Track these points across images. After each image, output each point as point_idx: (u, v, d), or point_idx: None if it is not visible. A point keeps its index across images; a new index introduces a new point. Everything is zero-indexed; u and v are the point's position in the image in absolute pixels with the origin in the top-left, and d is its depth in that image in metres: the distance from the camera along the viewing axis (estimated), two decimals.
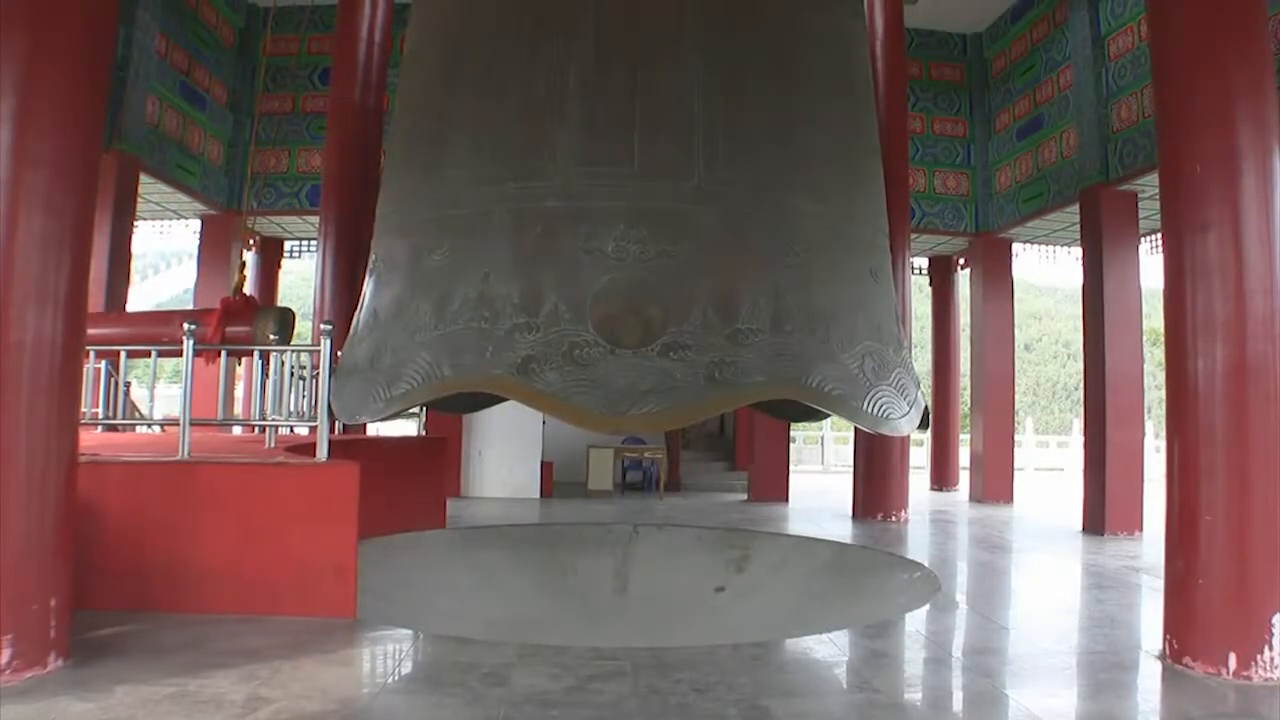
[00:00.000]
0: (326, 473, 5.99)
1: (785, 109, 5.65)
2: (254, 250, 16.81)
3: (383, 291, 5.77)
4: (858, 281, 5.78)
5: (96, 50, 5.03)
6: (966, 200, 16.51)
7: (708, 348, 4.94)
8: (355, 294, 6.37)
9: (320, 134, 14.61)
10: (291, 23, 15.02)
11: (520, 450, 14.73)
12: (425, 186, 5.79)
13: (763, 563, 8.96)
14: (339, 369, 5.90)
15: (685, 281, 5.07)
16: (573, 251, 5.10)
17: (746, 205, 5.34)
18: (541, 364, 4.89)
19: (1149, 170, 11.17)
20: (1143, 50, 11.43)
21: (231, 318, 7.37)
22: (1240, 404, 5.37)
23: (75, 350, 4.81)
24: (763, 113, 5.53)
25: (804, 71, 5.88)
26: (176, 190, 13.98)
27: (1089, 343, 12.92)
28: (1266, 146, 5.60)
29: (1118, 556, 9.89)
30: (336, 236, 12.68)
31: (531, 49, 5.60)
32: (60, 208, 4.64)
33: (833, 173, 5.83)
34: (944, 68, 16.82)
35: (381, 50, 13.59)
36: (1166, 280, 5.85)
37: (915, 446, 18.86)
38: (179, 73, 13.85)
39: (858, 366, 5.46)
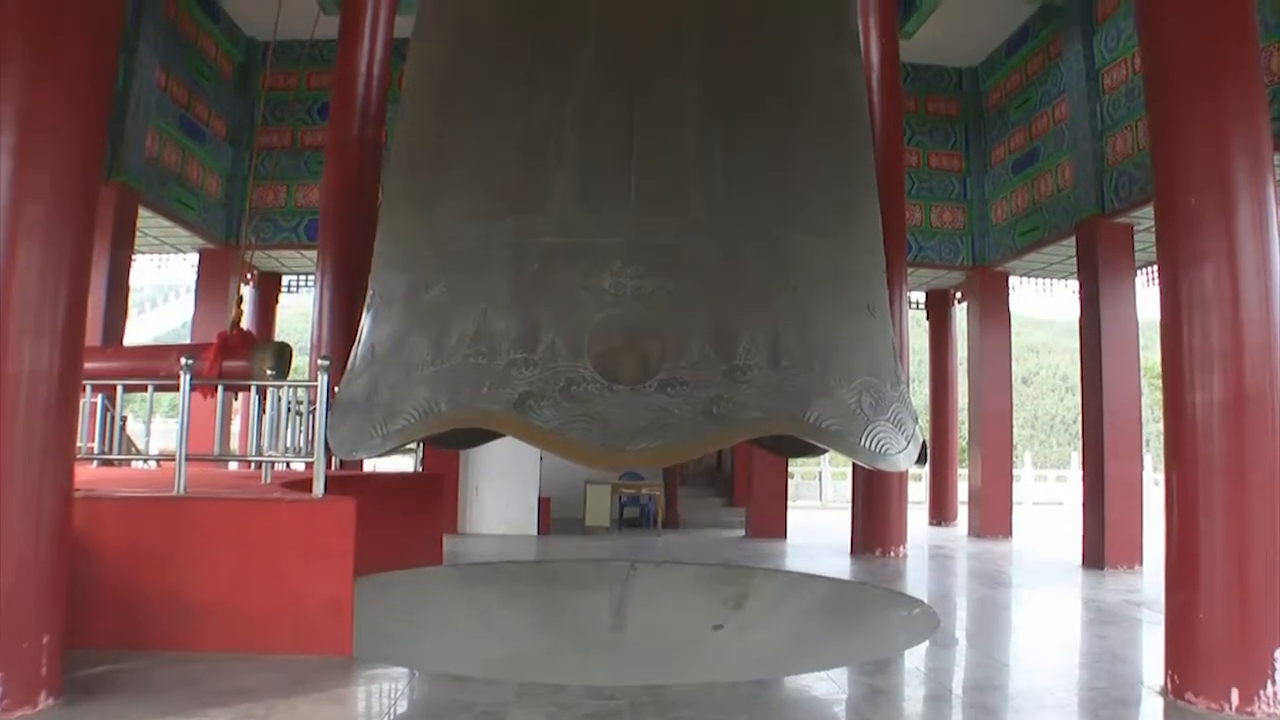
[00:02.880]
0: (323, 509, 5.96)
1: (782, 144, 5.67)
2: (251, 285, 16.83)
3: (380, 327, 5.77)
4: (855, 316, 5.78)
5: (97, 83, 5.05)
6: (963, 234, 16.56)
7: (705, 383, 4.94)
8: (353, 329, 6.37)
9: (319, 168, 14.66)
10: (291, 57, 15.10)
11: (517, 486, 14.68)
12: (423, 222, 5.80)
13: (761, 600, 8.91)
14: (336, 405, 5.89)
15: (682, 317, 5.07)
16: (570, 287, 5.10)
17: (744, 241, 5.35)
18: (539, 400, 4.88)
19: (1144, 203, 11.22)
20: (1137, 83, 11.51)
21: (229, 352, 7.35)
22: (1239, 435, 5.35)
23: (72, 384, 4.80)
24: (759, 148, 5.55)
25: (801, 107, 5.91)
26: (175, 224, 14.01)
27: (1087, 376, 12.93)
28: (1261, 177, 5.61)
29: (1118, 591, 9.85)
30: (334, 271, 12.69)
31: (529, 85, 5.63)
32: (59, 240, 4.64)
33: (830, 208, 5.84)
34: (940, 102, 16.92)
35: (380, 85, 13.66)
36: (1163, 311, 5.85)
37: (913, 481, 18.80)
38: (178, 106, 13.92)
39: (855, 402, 5.45)
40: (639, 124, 5.33)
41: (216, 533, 5.85)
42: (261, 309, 17.31)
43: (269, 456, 7.01)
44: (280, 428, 6.93)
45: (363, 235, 10.88)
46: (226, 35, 15.29)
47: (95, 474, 7.60)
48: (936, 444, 17.57)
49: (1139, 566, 11.73)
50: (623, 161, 5.25)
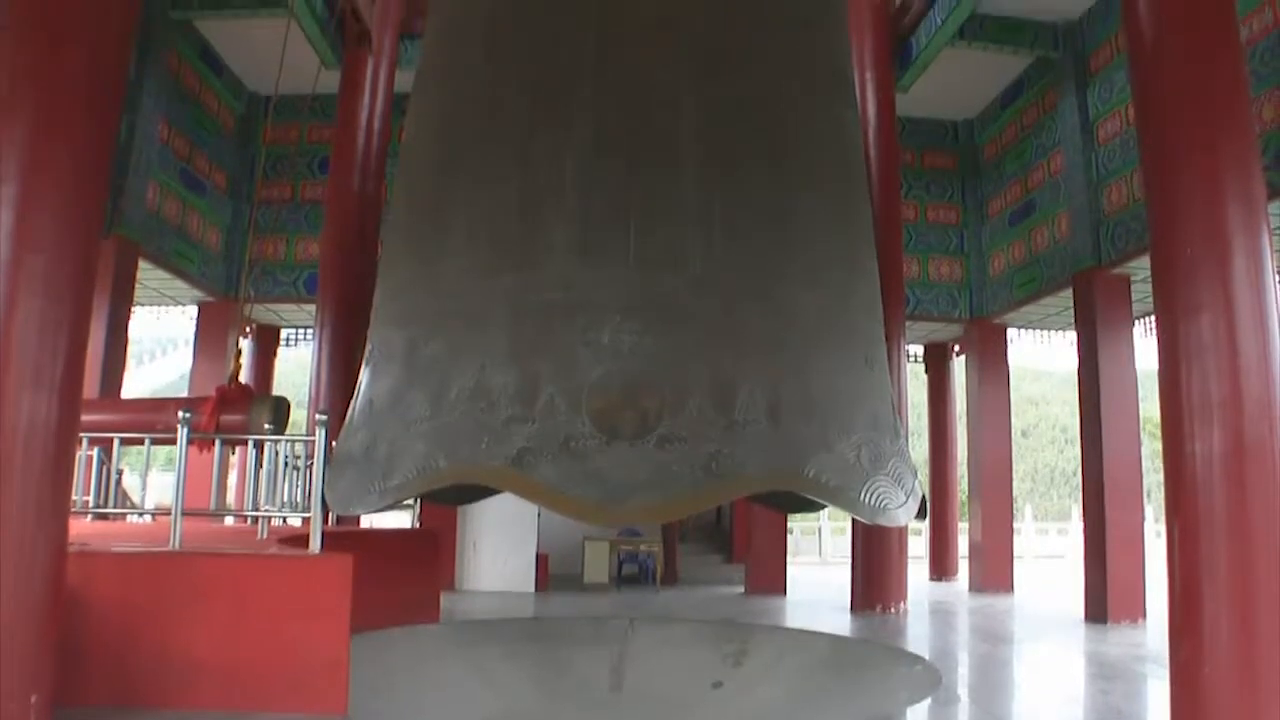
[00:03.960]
0: (319, 565, 5.92)
1: (780, 199, 5.69)
2: (250, 338, 16.85)
3: (378, 381, 5.75)
4: (853, 370, 5.77)
5: (100, 136, 5.09)
6: (961, 287, 16.64)
7: (704, 439, 4.91)
8: (351, 384, 6.35)
9: (318, 222, 14.76)
10: (292, 111, 15.26)
11: (515, 543, 14.60)
12: (422, 276, 5.80)
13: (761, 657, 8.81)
14: (334, 460, 5.86)
15: (681, 372, 5.06)
16: (569, 343, 5.09)
17: (742, 296, 5.35)
18: (537, 456, 4.85)
19: (1141, 253, 11.30)
20: (1131, 134, 11.64)
21: (227, 406, 7.33)
22: (1239, 486, 5.34)
23: (69, 437, 4.78)
24: (758, 203, 5.57)
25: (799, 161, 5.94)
26: (174, 276, 14.09)
27: (1086, 427, 12.93)
28: (1256, 226, 5.65)
29: (1121, 645, 9.77)
30: (333, 325, 12.73)
31: (528, 140, 5.66)
32: (59, 292, 4.65)
33: (828, 262, 5.85)
34: (936, 155, 17.09)
35: (380, 140, 13.78)
36: (1161, 362, 5.86)
37: (913, 536, 18.73)
38: (180, 159, 14.03)
39: (854, 456, 5.42)
40: (638, 180, 5.36)
41: (212, 588, 5.80)
42: (260, 362, 17.34)
43: (265, 512, 6.97)
44: (277, 483, 6.90)
45: (361, 289, 10.92)
46: (229, 89, 15.45)
47: (90, 528, 7.54)
48: (936, 498, 17.53)
49: (1142, 620, 11.65)
50: (622, 217, 5.26)
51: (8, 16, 4.72)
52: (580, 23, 5.76)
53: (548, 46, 5.80)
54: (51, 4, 4.99)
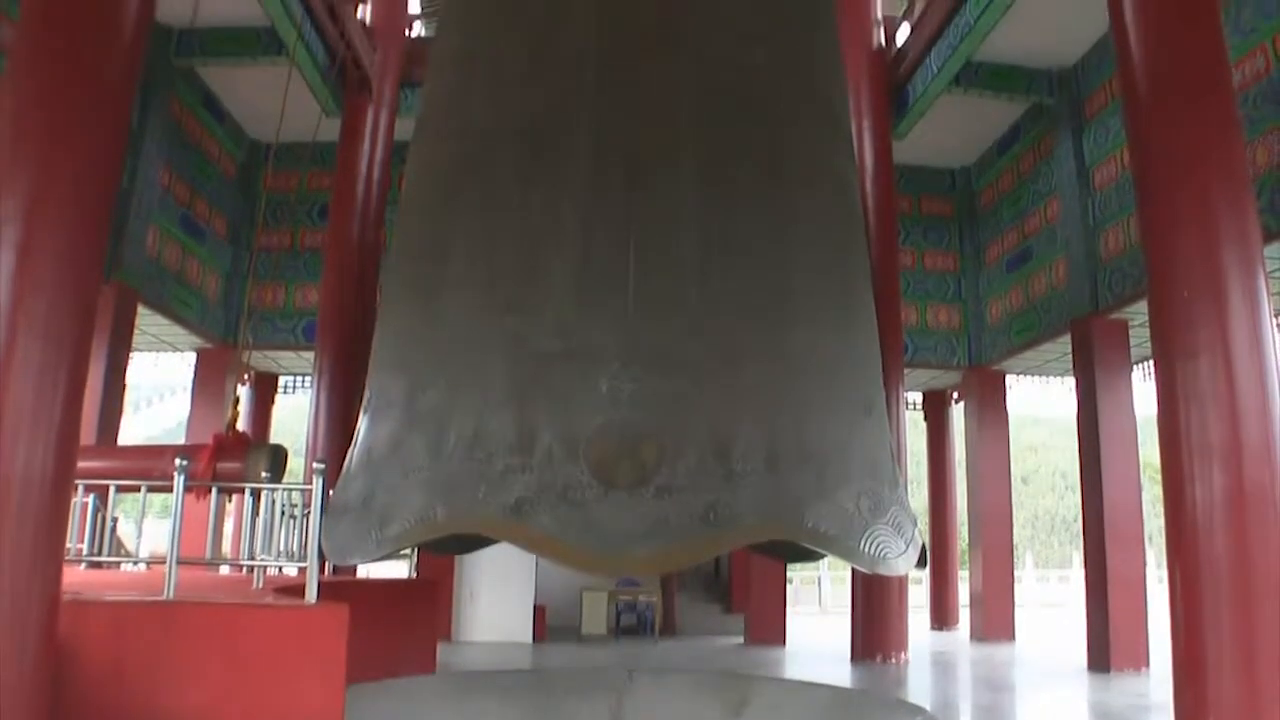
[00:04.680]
0: (315, 615, 5.85)
1: (778, 246, 5.71)
2: (248, 385, 16.82)
3: (377, 429, 5.73)
4: (852, 419, 5.76)
5: (102, 181, 5.10)
6: (959, 334, 16.65)
7: (702, 489, 4.89)
8: (349, 431, 6.33)
9: (318, 269, 14.79)
10: (292, 158, 15.35)
11: (512, 593, 14.49)
12: (421, 323, 5.81)
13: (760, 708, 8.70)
14: (331, 508, 5.82)
15: (679, 421, 5.04)
16: (568, 390, 5.08)
17: (740, 343, 5.35)
18: (535, 505, 4.83)
19: (1139, 298, 11.32)
20: (1127, 179, 11.70)
21: (224, 454, 7.29)
22: (1240, 532, 5.31)
23: (64, 484, 4.75)
24: (756, 251, 5.59)
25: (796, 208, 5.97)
26: (174, 322, 14.09)
27: (1086, 473, 12.89)
28: (1251, 268, 5.67)
29: (1124, 694, 9.68)
30: (331, 373, 12.71)
31: (527, 186, 5.69)
32: (58, 337, 4.64)
33: (826, 309, 5.86)
34: (933, 202, 17.16)
35: (380, 188, 13.84)
36: (1160, 407, 5.85)
37: (914, 585, 18.62)
38: (180, 205, 14.09)
39: (853, 505, 5.39)
40: (637, 226, 5.38)
41: (206, 639, 5.72)
42: (258, 410, 17.30)
43: (261, 561, 6.91)
44: (273, 531, 6.85)
45: (360, 337, 10.93)
46: (230, 136, 15.54)
47: (83, 576, 7.48)
48: (936, 547, 17.45)
49: (1145, 668, 11.55)
50: (621, 263, 5.27)
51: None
52: (578, 69, 5.81)
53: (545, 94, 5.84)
54: (57, 50, 5.03)
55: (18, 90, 4.93)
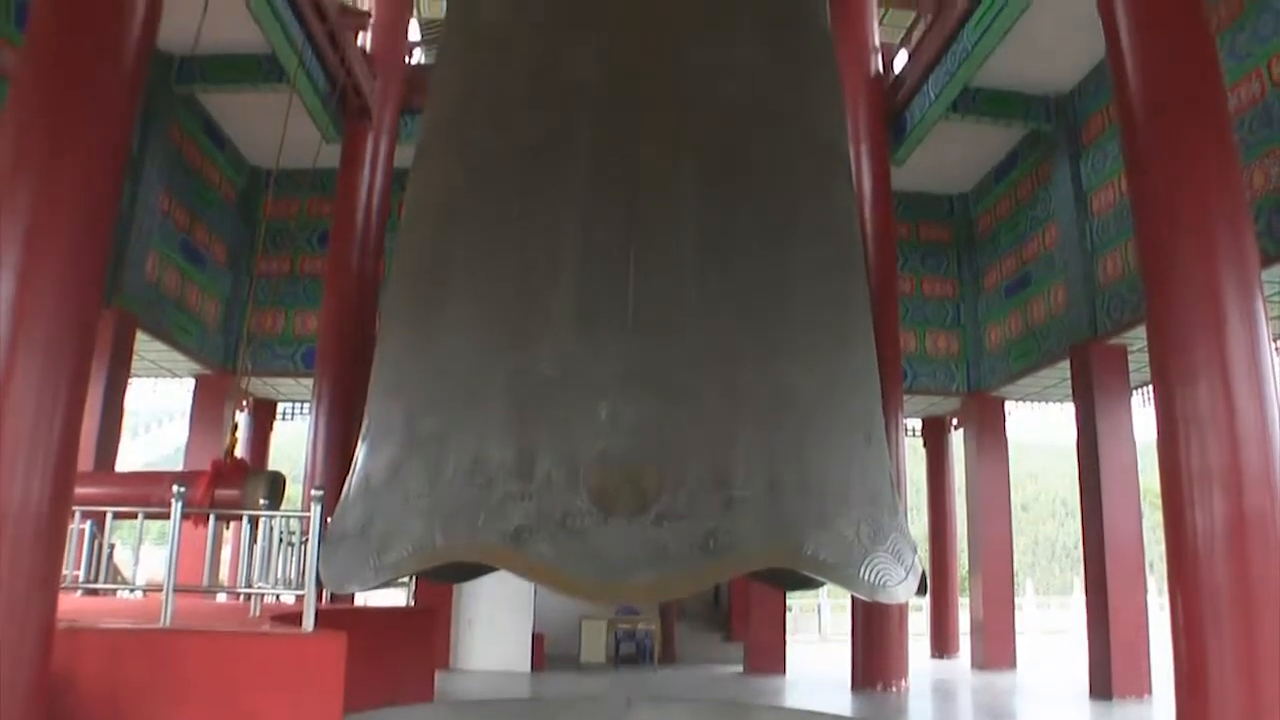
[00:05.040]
0: (312, 643, 5.82)
1: (777, 273, 5.71)
2: (247, 411, 16.81)
3: (375, 456, 5.72)
4: (851, 445, 5.74)
5: (102, 207, 5.12)
6: (957, 360, 16.65)
7: (701, 516, 4.87)
8: (347, 459, 6.32)
9: (317, 296, 14.80)
10: (292, 185, 15.40)
11: (511, 621, 14.41)
12: (420, 350, 5.80)
13: None
14: (329, 536, 5.80)
15: (679, 448, 5.03)
16: (567, 417, 5.07)
17: (740, 371, 5.35)
18: (534, 533, 4.80)
19: (1137, 323, 11.33)
20: (1125, 204, 11.73)
21: (222, 481, 7.27)
22: (1242, 558, 5.29)
23: (61, 510, 4.73)
24: (755, 278, 5.59)
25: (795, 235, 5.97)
26: (172, 348, 14.09)
27: (1086, 500, 12.86)
28: (1250, 292, 5.67)
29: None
30: (330, 400, 12.70)
31: (526, 214, 5.70)
32: (57, 362, 4.64)
33: (825, 336, 5.85)
34: (932, 228, 17.19)
35: (380, 215, 13.87)
36: (1160, 433, 5.84)
37: (914, 613, 18.54)
38: (180, 231, 14.12)
39: (853, 533, 5.37)
40: (636, 253, 5.38)
41: (203, 667, 5.69)
42: (256, 436, 17.26)
43: (259, 589, 6.88)
44: (271, 559, 6.82)
45: (359, 364, 10.92)
46: (230, 162, 15.59)
47: (79, 604, 7.45)
48: (936, 574, 17.38)
49: (1148, 695, 11.48)
50: (620, 290, 5.27)
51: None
52: (578, 99, 5.83)
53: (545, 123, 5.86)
54: (59, 76, 5.06)
55: (20, 115, 4.95)
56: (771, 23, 6.42)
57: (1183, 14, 6.48)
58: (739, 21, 6.24)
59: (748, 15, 6.30)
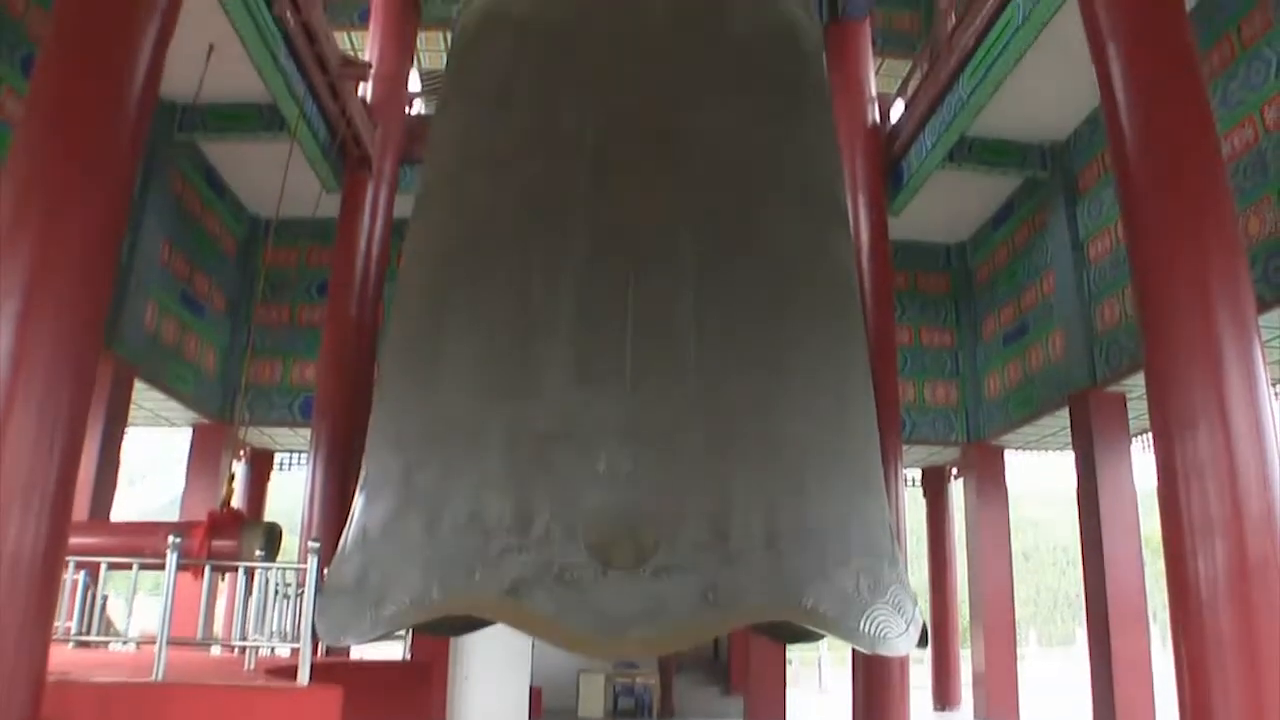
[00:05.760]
0: (307, 698, 5.75)
1: (776, 325, 5.71)
2: (244, 461, 16.75)
3: (373, 508, 5.69)
4: (850, 497, 5.72)
5: (102, 256, 5.12)
6: (956, 410, 16.63)
7: (700, 569, 4.84)
8: (345, 510, 6.29)
9: (315, 345, 14.80)
10: (292, 234, 15.47)
11: (508, 675, 14.25)
12: (418, 401, 5.79)
13: None
14: (325, 588, 5.75)
15: (677, 501, 5.01)
16: (565, 470, 5.05)
17: (738, 423, 5.34)
18: (532, 586, 4.77)
19: (1136, 370, 11.33)
20: (1122, 251, 11.76)
21: (218, 532, 7.23)
22: (1246, 606, 5.23)
23: (55, 560, 4.69)
24: (754, 330, 5.60)
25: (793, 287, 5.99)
26: (170, 397, 14.06)
27: (1087, 549, 12.78)
28: (1247, 338, 5.66)
29: None
30: (328, 450, 12.64)
31: (525, 266, 5.71)
32: (55, 412, 4.62)
33: (823, 388, 5.85)
34: (929, 278, 17.23)
35: (379, 265, 13.90)
36: (1160, 481, 5.81)
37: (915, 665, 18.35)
38: (180, 280, 14.14)
39: (853, 585, 5.33)
40: (634, 306, 5.38)
41: None
42: (253, 487, 17.19)
43: (254, 642, 6.81)
44: (267, 611, 6.76)
45: (357, 414, 10.88)
46: (230, 211, 15.65)
47: (71, 656, 7.35)
48: (937, 625, 17.24)
49: None
50: (618, 344, 5.27)
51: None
52: (577, 153, 5.86)
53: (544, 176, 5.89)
54: (63, 125, 5.08)
55: (23, 162, 4.97)
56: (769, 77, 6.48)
57: (1176, 63, 6.54)
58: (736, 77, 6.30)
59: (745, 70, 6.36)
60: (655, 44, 6.21)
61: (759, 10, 6.77)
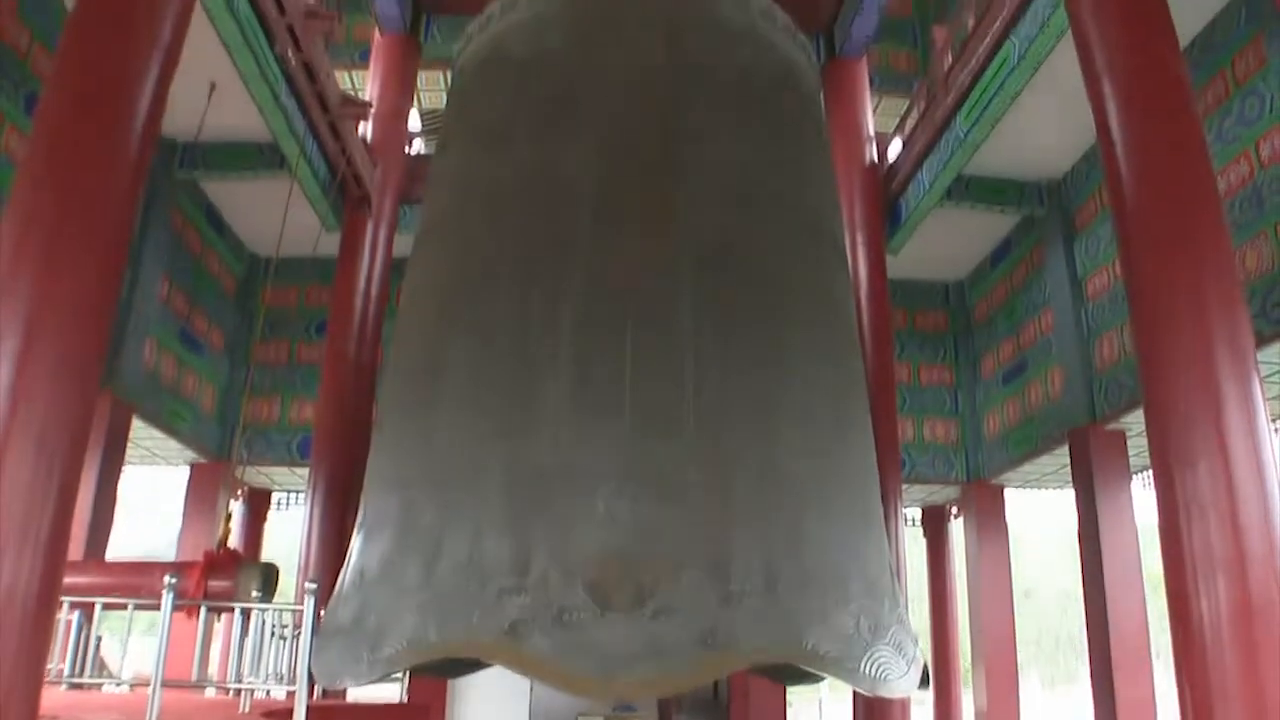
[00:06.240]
0: None
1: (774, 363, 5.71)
2: (241, 500, 16.68)
3: (370, 549, 5.65)
4: (850, 537, 5.69)
5: (102, 293, 5.12)
6: (956, 448, 16.58)
7: (699, 611, 4.80)
8: (342, 550, 6.25)
9: (314, 384, 14.79)
10: (291, 273, 15.48)
11: (506, 717, 14.10)
12: (417, 441, 5.77)
13: None
14: (322, 629, 5.71)
15: (676, 542, 4.98)
16: (564, 511, 5.03)
17: (737, 463, 5.32)
18: (530, 627, 4.73)
19: (1135, 407, 11.30)
20: (1120, 288, 11.78)
21: (214, 572, 7.18)
22: (1249, 645, 5.19)
23: (49, 600, 4.65)
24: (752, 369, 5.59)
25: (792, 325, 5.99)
26: (168, 435, 14.01)
27: (1088, 587, 12.70)
28: (1246, 374, 5.65)
29: None
30: (326, 490, 12.59)
31: (523, 304, 5.71)
32: (51, 450, 4.60)
33: (822, 427, 5.83)
34: (928, 316, 17.24)
35: (378, 304, 13.91)
36: (1161, 520, 5.78)
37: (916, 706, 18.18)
38: (179, 317, 14.14)
39: (853, 626, 5.29)
40: (632, 346, 5.38)
41: None
42: (250, 526, 17.10)
43: (249, 684, 6.74)
44: (263, 653, 6.70)
45: (356, 454, 10.85)
46: (230, 249, 15.68)
47: (63, 699, 7.27)
48: (938, 666, 17.10)
49: None
50: (616, 384, 5.26)
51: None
52: (576, 193, 5.87)
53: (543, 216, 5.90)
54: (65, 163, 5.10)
55: (24, 199, 4.98)
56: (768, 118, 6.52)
57: (1171, 100, 6.58)
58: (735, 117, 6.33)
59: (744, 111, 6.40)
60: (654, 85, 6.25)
61: (758, 51, 6.82)
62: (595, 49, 6.48)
